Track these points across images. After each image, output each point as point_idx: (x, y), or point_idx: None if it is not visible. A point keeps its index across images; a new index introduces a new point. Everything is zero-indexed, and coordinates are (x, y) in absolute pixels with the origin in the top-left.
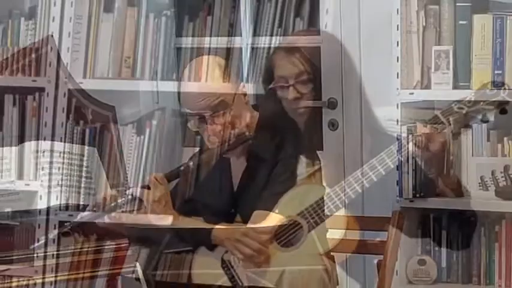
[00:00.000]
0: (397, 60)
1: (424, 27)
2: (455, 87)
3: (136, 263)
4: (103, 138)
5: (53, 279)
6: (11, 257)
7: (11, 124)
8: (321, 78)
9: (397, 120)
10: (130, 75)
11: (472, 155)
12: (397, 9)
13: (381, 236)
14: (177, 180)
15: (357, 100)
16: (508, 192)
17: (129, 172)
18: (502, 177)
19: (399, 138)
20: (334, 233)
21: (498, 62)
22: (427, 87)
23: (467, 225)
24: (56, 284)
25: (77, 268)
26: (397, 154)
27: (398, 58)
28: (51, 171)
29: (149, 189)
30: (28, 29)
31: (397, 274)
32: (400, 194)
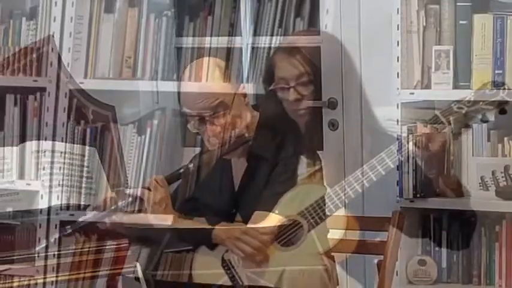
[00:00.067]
0: (397, 60)
1: (424, 27)
2: (456, 87)
3: (136, 263)
4: (104, 138)
5: (53, 279)
6: (12, 257)
7: (13, 124)
8: (321, 78)
9: (397, 120)
10: (131, 75)
11: (473, 155)
12: (398, 9)
13: (381, 236)
14: (179, 182)
15: (357, 100)
16: (508, 192)
17: (129, 172)
18: (502, 177)
19: (399, 138)
20: (334, 233)
21: (498, 61)
22: (428, 87)
23: (468, 226)
24: (57, 284)
25: (78, 268)
26: (397, 154)
27: (398, 58)
28: (52, 171)
29: (150, 191)
30: (29, 29)
31: (397, 274)
32: (400, 194)
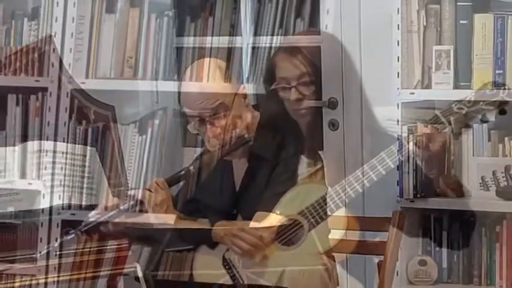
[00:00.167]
0: (398, 60)
1: (424, 27)
2: (456, 87)
3: (136, 263)
4: (105, 138)
5: (54, 279)
6: (14, 257)
7: (14, 124)
8: (322, 78)
9: (398, 120)
10: (132, 75)
11: (473, 155)
12: (398, 9)
13: (382, 236)
14: (181, 184)
15: (358, 100)
16: (509, 192)
17: (130, 171)
18: (502, 177)
19: (399, 138)
20: (335, 233)
21: (499, 61)
22: (428, 87)
23: (468, 226)
24: (58, 284)
25: (79, 268)
26: (398, 154)
27: (398, 58)
28: (53, 171)
29: (151, 193)
30: (31, 29)
31: (397, 275)
32: (400, 194)
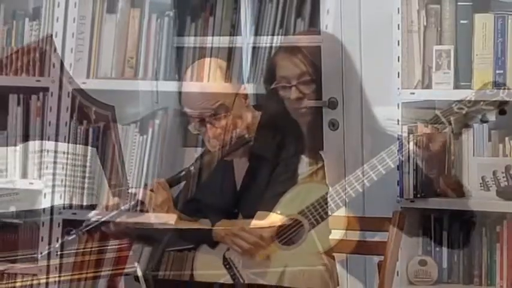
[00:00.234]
0: (398, 60)
1: (425, 27)
2: (457, 87)
3: (136, 263)
4: (106, 138)
5: (56, 279)
6: (16, 256)
7: (16, 123)
8: (322, 78)
9: (398, 120)
10: (133, 76)
11: (473, 155)
12: (398, 9)
13: (382, 236)
14: (182, 184)
15: (358, 100)
16: (509, 192)
17: (131, 171)
18: (503, 177)
19: (400, 138)
20: (335, 234)
21: (499, 61)
22: (428, 87)
23: (469, 226)
24: (59, 284)
25: (80, 268)
26: (398, 154)
27: (399, 58)
28: (54, 170)
29: (152, 193)
30: (32, 29)
31: (397, 275)
32: (400, 194)
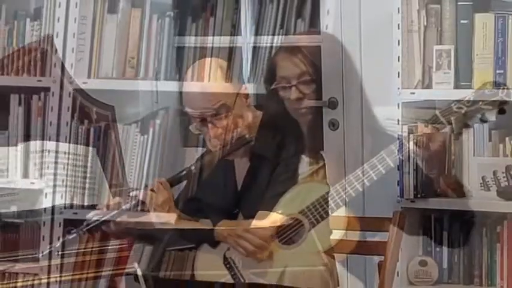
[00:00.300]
0: (398, 60)
1: (425, 27)
2: (457, 86)
3: (135, 264)
4: (107, 137)
5: (56, 279)
6: (17, 256)
7: (17, 123)
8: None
9: (398, 120)
10: (134, 76)
11: (474, 155)
12: (398, 8)
13: (382, 236)
14: (183, 184)
15: (358, 100)
16: (509, 192)
17: (132, 171)
18: (503, 177)
19: (400, 138)
20: (335, 234)
21: (500, 61)
22: (428, 86)
23: (469, 226)
24: (60, 283)
25: (81, 267)
26: (398, 154)
27: (399, 57)
28: (55, 170)
29: (153, 192)
30: (33, 29)
31: (398, 275)
32: (401, 194)
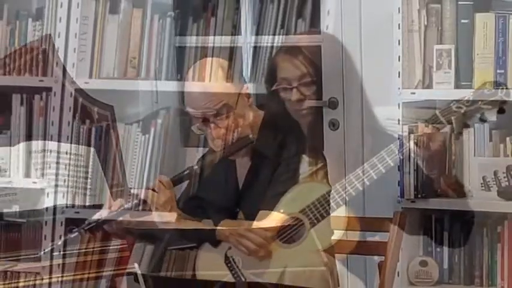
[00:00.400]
0: (399, 60)
1: (425, 26)
2: (457, 86)
3: (135, 264)
4: (108, 137)
5: (57, 279)
6: (19, 255)
7: (19, 123)
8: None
9: (398, 120)
10: (135, 75)
11: (474, 155)
12: (399, 8)
13: (382, 236)
14: (185, 183)
15: (358, 100)
16: (510, 192)
17: (133, 171)
18: (504, 177)
19: (400, 138)
20: (336, 234)
21: (500, 61)
22: (429, 86)
23: (469, 226)
24: (62, 284)
25: (82, 267)
26: (398, 154)
27: (399, 57)
28: (57, 170)
29: (155, 192)
30: (35, 29)
31: (398, 275)
32: (401, 194)
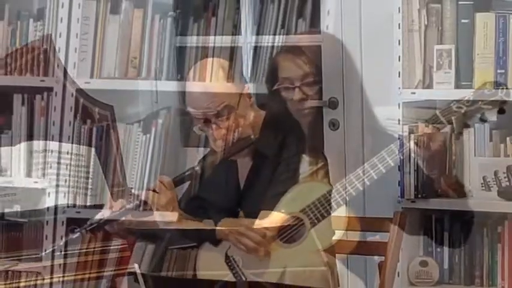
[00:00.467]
0: (399, 60)
1: (426, 26)
2: (458, 86)
3: (135, 264)
4: (109, 137)
5: (58, 279)
6: (20, 255)
7: (20, 123)
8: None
9: (399, 120)
10: (136, 75)
11: (475, 155)
12: (399, 8)
13: (383, 237)
14: (187, 184)
15: (358, 100)
16: (510, 192)
17: (134, 170)
18: (504, 177)
19: (400, 138)
20: (336, 234)
21: (501, 61)
22: (429, 86)
23: (470, 226)
24: (63, 284)
25: (83, 267)
26: (398, 154)
27: (399, 57)
28: (58, 170)
29: (156, 193)
30: (36, 30)
31: (398, 275)
32: (401, 194)
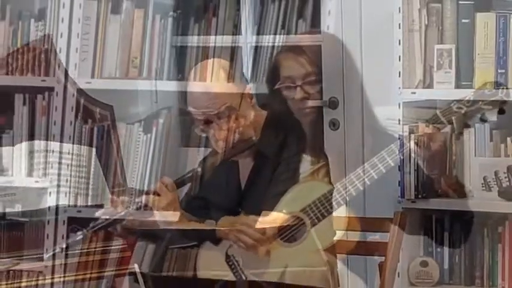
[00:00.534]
0: (399, 59)
1: (426, 26)
2: (458, 86)
3: (135, 264)
4: (110, 137)
5: (59, 279)
6: (21, 254)
7: (21, 123)
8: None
9: (399, 120)
10: (137, 75)
11: (475, 155)
12: (399, 8)
13: (383, 237)
14: (189, 185)
15: (358, 99)
16: (511, 192)
17: (135, 170)
18: (505, 177)
19: (400, 138)
20: (336, 234)
21: (501, 61)
22: (429, 86)
23: (470, 226)
24: (64, 284)
25: (85, 267)
26: (399, 154)
27: (400, 57)
28: (59, 170)
29: (158, 195)
30: (38, 30)
31: (399, 276)
32: (402, 194)
